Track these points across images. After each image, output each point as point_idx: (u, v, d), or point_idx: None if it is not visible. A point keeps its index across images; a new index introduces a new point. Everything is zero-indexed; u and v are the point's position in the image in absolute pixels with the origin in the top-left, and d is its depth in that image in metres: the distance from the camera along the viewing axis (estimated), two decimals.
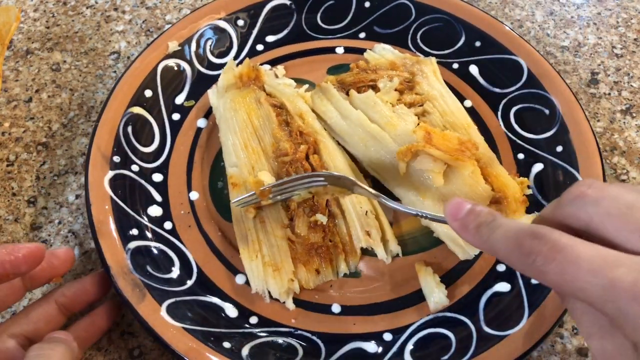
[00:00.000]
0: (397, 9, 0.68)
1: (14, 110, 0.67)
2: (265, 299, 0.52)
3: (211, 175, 0.59)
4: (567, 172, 0.56)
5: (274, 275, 0.51)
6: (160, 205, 0.57)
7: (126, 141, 0.58)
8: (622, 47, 0.71)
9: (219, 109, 0.60)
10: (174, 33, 0.64)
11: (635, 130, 0.64)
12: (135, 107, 0.59)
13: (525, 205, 0.55)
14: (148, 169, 0.58)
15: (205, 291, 0.52)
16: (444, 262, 0.54)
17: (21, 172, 0.62)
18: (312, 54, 0.67)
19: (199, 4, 0.76)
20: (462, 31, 0.66)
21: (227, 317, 0.51)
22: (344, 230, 0.54)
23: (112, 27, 0.74)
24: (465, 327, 0.50)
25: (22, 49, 0.72)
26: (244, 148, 0.57)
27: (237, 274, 0.54)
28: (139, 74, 0.61)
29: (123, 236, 0.52)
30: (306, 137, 0.57)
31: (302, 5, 0.68)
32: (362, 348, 0.50)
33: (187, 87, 0.64)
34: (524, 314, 0.49)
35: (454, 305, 0.52)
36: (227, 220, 0.57)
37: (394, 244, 0.54)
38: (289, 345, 0.49)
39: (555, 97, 0.60)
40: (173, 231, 0.55)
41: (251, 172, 0.55)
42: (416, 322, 0.51)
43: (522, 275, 0.52)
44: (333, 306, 0.52)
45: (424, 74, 0.61)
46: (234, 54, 0.66)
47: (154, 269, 0.51)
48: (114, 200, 0.54)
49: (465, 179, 0.53)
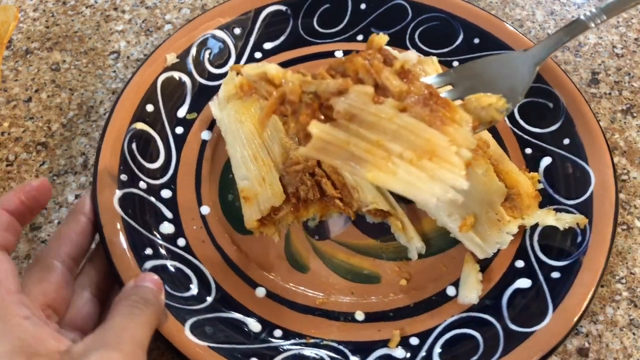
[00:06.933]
0: (393, 10, 0.68)
1: (13, 110, 0.67)
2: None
3: (220, 188, 0.59)
4: (576, 165, 0.57)
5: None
6: (172, 221, 0.56)
7: (132, 158, 0.56)
8: (623, 46, 0.72)
9: (224, 121, 0.59)
10: (171, 45, 0.63)
11: (635, 130, 0.65)
12: (138, 123, 0.58)
13: (538, 200, 0.55)
14: (156, 186, 0.57)
15: (226, 307, 0.51)
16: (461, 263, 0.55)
17: (20, 172, 0.62)
18: (311, 59, 0.67)
19: (199, 4, 0.76)
20: (460, 29, 0.66)
21: (251, 332, 0.50)
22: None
23: (111, 27, 0.74)
24: (491, 326, 0.50)
25: (22, 48, 0.72)
26: (253, 160, 0.56)
27: (256, 287, 0.53)
28: (138, 88, 0.60)
29: (138, 256, 0.51)
30: None
31: (298, 10, 0.68)
32: (390, 355, 0.49)
33: (188, 99, 0.62)
34: (547, 309, 0.49)
35: (477, 305, 0.52)
36: (240, 233, 0.56)
37: (418, 242, 0.54)
38: (318, 357, 0.49)
39: (558, 91, 0.60)
40: (187, 248, 0.54)
41: (262, 184, 0.54)
42: (441, 325, 0.51)
43: (541, 270, 0.52)
44: (356, 314, 0.52)
45: (426, 73, 0.61)
46: (233, 63, 0.65)
47: (173, 288, 0.50)
48: (126, 221, 0.52)
49: (479, 177, 0.53)
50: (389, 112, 0.39)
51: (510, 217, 0.53)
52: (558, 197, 0.56)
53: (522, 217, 0.54)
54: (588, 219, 0.53)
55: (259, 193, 0.54)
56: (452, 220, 0.53)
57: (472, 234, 0.53)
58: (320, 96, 0.41)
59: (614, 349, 0.53)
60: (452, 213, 0.53)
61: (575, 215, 0.54)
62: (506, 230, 0.53)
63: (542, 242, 0.54)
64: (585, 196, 0.55)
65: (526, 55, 0.56)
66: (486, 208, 0.53)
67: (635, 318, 0.54)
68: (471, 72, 0.56)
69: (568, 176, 0.57)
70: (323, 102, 0.41)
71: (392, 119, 0.39)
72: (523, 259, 0.54)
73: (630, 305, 0.55)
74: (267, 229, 0.55)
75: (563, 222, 0.53)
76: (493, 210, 0.53)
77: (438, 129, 0.39)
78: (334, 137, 0.39)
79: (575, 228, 0.53)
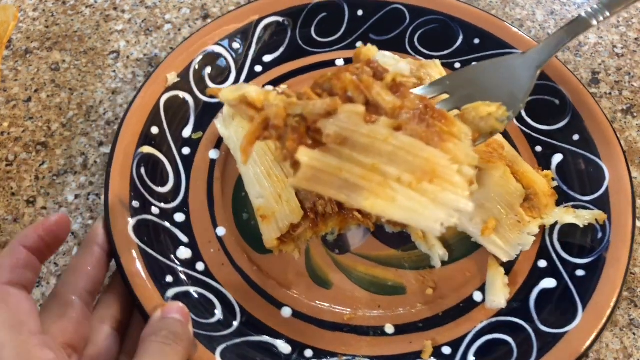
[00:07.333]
0: (391, 15, 0.67)
1: (13, 110, 0.66)
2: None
3: (234, 208, 0.57)
4: (589, 160, 0.57)
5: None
6: (188, 246, 0.54)
7: (142, 184, 0.55)
8: (623, 46, 0.72)
9: (232, 138, 0.58)
10: (171, 63, 0.61)
11: (636, 130, 0.66)
12: (144, 147, 0.57)
13: (555, 198, 0.55)
14: (169, 210, 0.55)
15: (253, 330, 0.50)
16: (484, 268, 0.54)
17: (20, 172, 0.62)
18: (313, 69, 0.66)
19: (198, 3, 0.75)
20: (459, 30, 0.66)
21: (282, 354, 0.49)
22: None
23: (111, 27, 0.74)
24: (522, 329, 0.50)
25: (21, 48, 0.71)
26: (267, 177, 0.55)
27: (281, 307, 0.52)
28: (142, 111, 0.58)
29: (159, 285, 0.50)
30: None
31: (295, 20, 0.67)
32: None
33: (192, 118, 0.61)
34: (577, 308, 0.49)
35: (505, 309, 0.51)
36: (259, 252, 0.55)
37: (440, 249, 0.54)
38: None
39: (563, 87, 0.60)
40: (207, 272, 0.53)
41: (279, 201, 0.53)
42: (472, 331, 0.51)
43: (565, 268, 0.52)
44: (386, 327, 0.51)
45: (431, 77, 0.61)
46: (234, 78, 0.64)
47: (198, 315, 0.49)
48: (142, 249, 0.51)
49: (497, 180, 0.53)
50: (383, 132, 0.36)
51: (530, 217, 0.53)
52: (573, 193, 0.56)
53: (541, 217, 0.54)
54: (607, 214, 0.53)
55: (277, 211, 0.53)
56: (473, 225, 0.53)
57: (495, 237, 0.53)
58: (308, 119, 0.37)
59: (614, 349, 0.53)
60: (473, 217, 0.53)
61: (593, 211, 0.54)
62: (527, 231, 0.53)
63: (562, 240, 0.54)
64: (600, 191, 0.55)
65: (526, 58, 0.54)
66: (506, 210, 0.53)
67: (635, 318, 0.54)
68: (467, 79, 0.53)
69: (581, 172, 0.57)
70: (311, 125, 0.37)
71: (387, 140, 0.36)
72: (545, 259, 0.54)
73: (631, 305, 0.55)
74: (287, 246, 0.54)
75: (582, 219, 0.53)
76: (513, 212, 0.53)
77: (437, 146, 0.37)
78: (325, 164, 0.36)
79: (595, 224, 0.53)
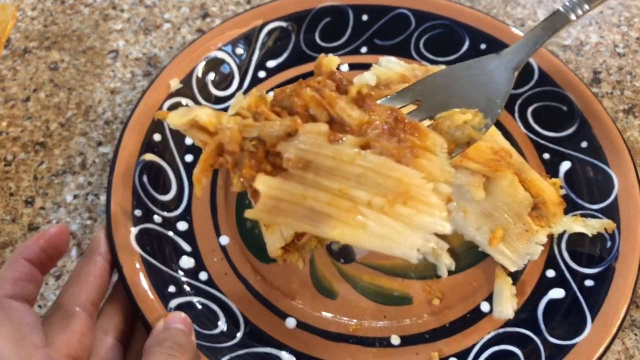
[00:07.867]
0: (396, 19, 0.66)
1: (11, 110, 0.66)
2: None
3: (237, 216, 0.57)
4: (597, 168, 0.56)
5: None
6: (191, 255, 0.54)
7: (144, 192, 0.54)
8: (625, 46, 0.71)
9: None
10: (173, 69, 0.61)
11: (637, 130, 0.65)
12: (147, 154, 0.56)
13: (563, 207, 0.55)
14: (171, 218, 0.55)
15: (257, 341, 0.50)
16: (491, 277, 0.53)
17: (19, 172, 0.62)
18: None
19: (198, 3, 0.75)
20: (466, 35, 0.65)
21: None
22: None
23: (110, 26, 0.73)
24: (530, 340, 0.49)
25: (20, 47, 0.71)
26: None
27: (286, 317, 0.51)
28: (144, 118, 0.57)
29: (162, 295, 0.49)
30: None
31: (299, 25, 0.66)
32: None
33: None
34: (586, 319, 0.48)
35: (513, 319, 0.51)
36: (262, 261, 0.54)
37: (447, 259, 0.53)
38: None
39: (570, 93, 0.60)
40: (210, 281, 0.52)
41: None
42: (479, 342, 0.50)
43: (574, 278, 0.52)
44: (392, 338, 0.50)
45: None
46: (237, 84, 0.63)
47: (201, 326, 0.48)
48: (145, 258, 0.50)
49: (505, 189, 0.52)
50: (350, 152, 0.33)
51: (538, 226, 0.53)
52: (582, 202, 0.55)
53: (549, 226, 0.53)
54: (616, 223, 0.52)
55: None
56: (480, 234, 0.52)
57: (502, 246, 0.52)
58: (266, 142, 0.34)
59: (615, 349, 0.52)
60: (481, 226, 0.52)
61: (602, 220, 0.53)
62: (535, 241, 0.52)
63: (570, 250, 0.53)
64: (609, 200, 0.54)
65: (502, 59, 0.51)
66: (514, 219, 0.52)
67: (636, 319, 0.54)
68: (439, 85, 0.48)
69: (589, 180, 0.56)
70: (270, 148, 0.34)
71: (354, 161, 0.33)
72: (554, 269, 0.53)
73: (632, 305, 0.54)
74: (291, 255, 0.53)
75: (591, 228, 0.52)
76: (521, 221, 0.52)
77: (409, 163, 0.34)
78: (287, 192, 0.33)
79: (604, 233, 0.52)
